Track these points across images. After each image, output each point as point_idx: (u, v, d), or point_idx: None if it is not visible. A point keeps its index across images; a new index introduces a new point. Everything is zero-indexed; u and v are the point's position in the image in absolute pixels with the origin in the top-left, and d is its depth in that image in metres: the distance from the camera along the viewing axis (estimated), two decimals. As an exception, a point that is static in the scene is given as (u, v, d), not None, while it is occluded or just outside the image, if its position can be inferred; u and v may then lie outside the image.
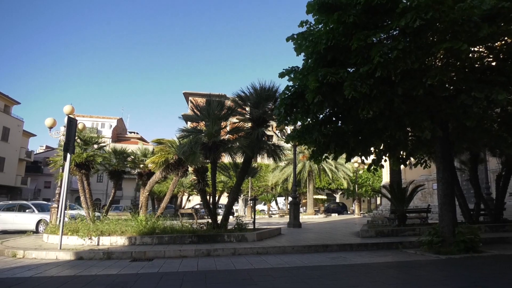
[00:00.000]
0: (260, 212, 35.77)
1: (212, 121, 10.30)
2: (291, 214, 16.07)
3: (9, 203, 19.61)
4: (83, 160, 13.02)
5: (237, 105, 11.18)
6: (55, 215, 13.25)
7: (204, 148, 10.22)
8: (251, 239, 9.38)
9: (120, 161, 16.22)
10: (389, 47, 6.18)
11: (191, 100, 44.70)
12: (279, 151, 11.71)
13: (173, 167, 12.96)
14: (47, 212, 16.51)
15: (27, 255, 8.01)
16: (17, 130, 42.66)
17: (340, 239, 9.99)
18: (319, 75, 6.44)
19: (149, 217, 11.00)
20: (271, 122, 11.75)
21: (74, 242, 9.19)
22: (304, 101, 7.15)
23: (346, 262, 6.78)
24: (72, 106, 12.62)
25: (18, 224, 17.36)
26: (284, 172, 33.02)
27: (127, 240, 9.06)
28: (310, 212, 30.44)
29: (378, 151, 9.26)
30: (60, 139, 15.10)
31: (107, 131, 58.46)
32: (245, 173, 11.75)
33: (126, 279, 5.39)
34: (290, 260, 7.09)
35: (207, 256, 7.76)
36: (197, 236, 9.25)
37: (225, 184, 30.26)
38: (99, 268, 6.45)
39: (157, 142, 14.39)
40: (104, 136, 44.04)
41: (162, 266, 6.52)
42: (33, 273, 6.08)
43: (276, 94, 10.73)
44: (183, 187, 29.47)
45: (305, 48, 7.22)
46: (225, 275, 5.66)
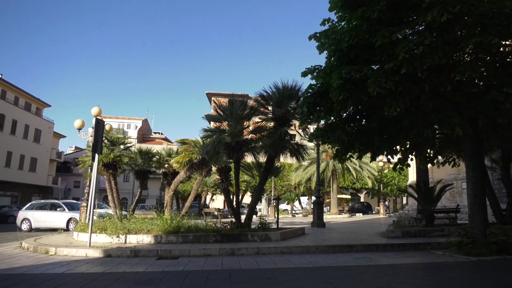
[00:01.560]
0: (283, 211, 35.67)
1: (235, 121, 10.35)
2: (315, 214, 15.96)
3: (42, 202, 20.40)
4: (110, 160, 13.37)
5: (260, 104, 11.19)
6: (85, 214, 13.66)
7: (227, 148, 10.28)
8: (275, 238, 9.37)
9: (145, 161, 16.54)
10: (414, 43, 6.03)
11: (214, 100, 45.14)
12: (302, 150, 11.64)
13: (197, 167, 13.11)
14: (77, 210, 17.07)
15: (58, 252, 8.31)
16: (48, 132, 44.31)
17: (365, 239, 9.84)
18: (343, 73, 6.35)
19: (174, 216, 11.18)
20: (293, 121, 11.70)
21: (103, 240, 9.45)
22: (327, 100, 7.08)
23: (371, 262, 6.67)
24: (99, 108, 12.99)
25: (50, 222, 18.05)
26: (307, 171, 32.78)
27: (153, 238, 9.24)
28: (334, 211, 30.11)
29: (404, 150, 9.06)
30: (88, 140, 15.57)
31: (133, 132, 59.81)
32: (268, 173, 11.74)
33: (153, 277, 5.50)
34: (314, 260, 7.04)
35: (231, 255, 7.81)
36: (221, 235, 9.33)
37: (248, 183, 30.37)
38: (127, 265, 6.61)
39: (181, 142, 14.60)
40: (130, 137, 44.99)
41: (187, 265, 6.61)
42: (65, 269, 6.30)
43: (299, 93, 10.67)
44: (207, 186, 29.78)
45: (328, 46, 7.15)
46: (249, 274, 5.69)
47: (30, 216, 18.54)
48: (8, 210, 29.04)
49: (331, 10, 7.19)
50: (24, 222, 18.47)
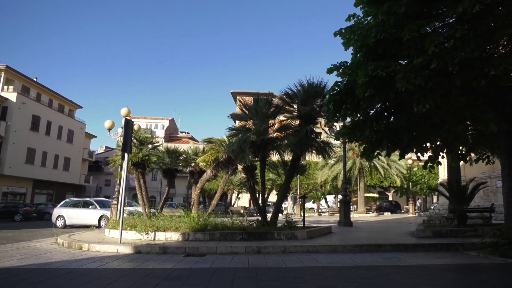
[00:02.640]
0: (309, 210, 35.43)
1: (260, 119, 10.36)
2: (342, 213, 15.76)
3: (75, 200, 21.20)
4: (139, 160, 13.72)
5: (285, 102, 11.15)
6: (115, 211, 14.09)
7: (252, 146, 10.31)
8: (301, 237, 9.33)
9: (172, 160, 16.86)
10: (445, 36, 5.83)
11: (239, 99, 45.36)
12: (328, 148, 11.51)
13: (223, 165, 13.23)
14: (108, 208, 17.62)
15: (91, 248, 8.60)
16: (80, 132, 45.96)
17: (393, 238, 9.62)
18: (369, 69, 6.23)
19: (201, 214, 11.33)
20: (319, 119, 11.58)
21: (133, 236, 9.71)
22: (353, 97, 6.96)
23: (400, 263, 6.52)
24: (128, 109, 13.33)
25: (83, 219, 18.72)
26: (333, 169, 32.40)
27: (180, 236, 9.41)
28: (361, 210, 29.62)
29: (434, 147, 8.79)
30: (118, 140, 16.03)
31: (160, 132, 61.04)
32: (294, 171, 11.69)
33: (181, 273, 5.61)
34: (341, 259, 6.96)
35: (258, 253, 7.83)
36: (248, 233, 9.38)
37: (274, 182, 30.35)
38: (156, 262, 6.76)
39: (207, 141, 14.77)
40: (157, 136, 45.94)
41: (215, 262, 6.69)
42: (97, 265, 6.52)
43: (324, 91, 10.56)
44: (232, 185, 30.00)
45: (354, 42, 7.03)
46: (276, 272, 5.69)
47: (64, 213, 19.31)
48: (44, 208, 30.36)
49: (356, 5, 7.07)
50: (59, 219, 19.26)
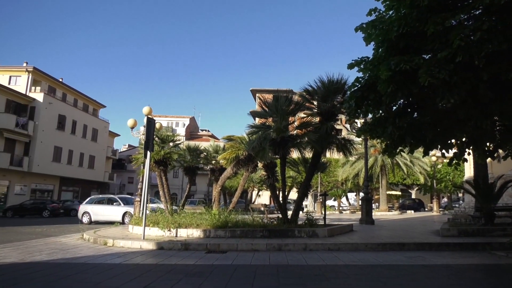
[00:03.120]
0: (330, 208, 35.14)
1: (280, 117, 10.33)
2: (363, 210, 15.55)
3: (100, 197, 21.78)
4: (161, 157, 13.93)
5: (305, 99, 11.07)
6: (138, 208, 14.37)
7: (273, 144, 10.30)
8: (322, 235, 9.27)
9: (193, 157, 17.04)
10: (471, 29, 5.63)
11: (259, 96, 45.31)
12: (349, 145, 11.37)
13: (243, 163, 13.28)
14: (131, 205, 18.01)
15: (115, 243, 8.82)
16: (104, 131, 47.12)
17: (417, 237, 9.43)
18: (392, 64, 6.09)
19: (221, 211, 11.42)
20: (340, 116, 11.44)
21: (155, 233, 9.89)
22: (375, 93, 6.83)
23: (425, 262, 6.39)
24: (150, 107, 13.55)
25: (107, 215, 19.22)
26: (354, 167, 31.98)
27: (202, 232, 9.52)
28: (383, 208, 29.14)
29: (460, 144, 8.52)
30: (140, 138, 16.33)
31: (181, 130, 61.79)
32: (315, 168, 11.61)
33: (203, 270, 5.67)
34: (363, 257, 6.87)
35: (278, 251, 7.83)
36: (268, 230, 9.39)
37: (294, 179, 30.25)
38: (178, 258, 6.87)
39: (228, 139, 14.85)
40: (178, 135, 46.59)
41: (236, 259, 6.74)
42: (122, 260, 6.68)
43: (345, 87, 10.41)
44: (253, 182, 30.07)
45: (375, 37, 6.89)
46: (297, 270, 5.68)
47: (89, 209, 19.87)
48: (70, 204, 31.34)
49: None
50: (85, 215, 19.83)
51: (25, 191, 34.81)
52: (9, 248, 8.42)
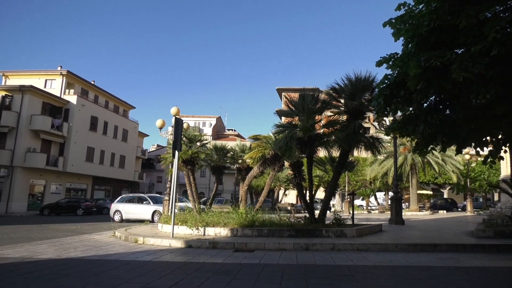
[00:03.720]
0: (358, 207, 34.56)
1: (306, 115, 10.25)
2: (393, 210, 15.19)
3: (130, 196, 22.39)
4: (188, 157, 14.15)
5: (332, 97, 10.93)
6: (167, 207, 14.67)
7: (299, 143, 10.24)
8: (350, 234, 9.13)
9: (220, 157, 17.19)
10: (507, 20, 5.40)
11: (285, 95, 45.18)
12: (378, 143, 11.14)
13: (270, 162, 13.28)
14: (160, 204, 18.39)
15: (146, 241, 9.04)
16: (134, 132, 48.40)
17: (450, 238, 9.12)
18: (422, 60, 5.91)
19: (248, 210, 11.47)
20: (368, 114, 11.23)
21: (184, 231, 10.06)
22: (405, 90, 6.65)
23: (458, 264, 6.16)
24: (177, 108, 13.79)
25: (138, 214, 19.73)
26: (383, 165, 31.26)
27: (229, 231, 9.59)
28: (414, 208, 28.34)
29: (496, 141, 8.17)
30: (168, 138, 16.66)
31: (208, 129, 62.48)
32: (342, 167, 11.45)
33: (231, 268, 5.72)
34: (393, 258, 6.72)
35: (306, 250, 7.79)
36: (295, 230, 9.35)
37: (321, 178, 29.92)
38: (206, 256, 6.96)
39: (254, 138, 14.89)
40: (205, 134, 47.10)
41: (263, 258, 6.75)
42: (152, 257, 6.84)
43: (373, 84, 10.21)
44: (279, 181, 30.00)
45: (405, 32, 6.71)
46: (325, 270, 5.63)
47: (121, 208, 20.48)
48: (102, 203, 32.43)
49: (407, -6, 6.73)
50: (116, 213, 20.46)
51: (60, 190, 36.30)
52: (46, 245, 8.81)
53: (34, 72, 38.15)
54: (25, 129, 32.19)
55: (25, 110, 32.32)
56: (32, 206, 32.75)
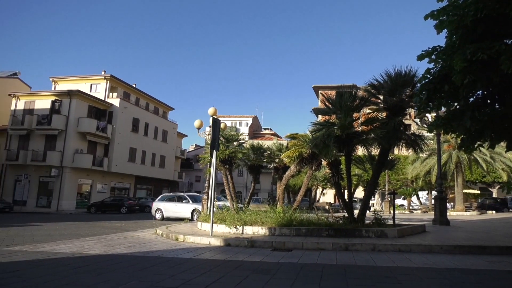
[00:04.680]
0: (400, 207, 33.45)
1: (344, 113, 10.06)
2: (437, 210, 14.56)
3: (170, 195, 23.06)
4: (226, 156, 14.35)
5: (370, 94, 10.65)
6: (206, 206, 14.95)
7: (337, 141, 10.07)
8: (392, 235, 8.86)
9: (257, 156, 17.26)
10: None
11: (321, 93, 44.53)
12: (420, 141, 10.71)
13: (307, 161, 13.16)
14: (199, 202, 18.80)
15: (186, 239, 9.27)
16: (173, 132, 49.79)
17: (501, 240, 8.60)
18: (467, 53, 5.61)
19: (286, 209, 11.44)
20: (408, 110, 10.84)
21: (222, 230, 10.22)
22: (449, 84, 6.35)
23: (510, 267, 5.80)
24: (215, 108, 13.99)
25: (178, 212, 20.28)
26: (426, 163, 30.03)
27: (267, 230, 9.62)
28: (460, 208, 26.98)
29: (551, 137, 7.62)
30: (206, 138, 16.97)
31: (244, 129, 63.01)
32: (382, 166, 11.13)
33: (269, 267, 5.74)
34: (437, 260, 6.44)
35: (345, 250, 7.65)
36: (334, 229, 9.21)
37: (360, 177, 29.27)
38: (245, 254, 7.03)
39: (291, 137, 14.81)
40: (242, 134, 47.52)
41: (301, 257, 6.71)
42: (192, 255, 7.01)
43: (414, 79, 9.83)
44: (317, 180, 29.70)
45: (448, 23, 6.40)
46: (365, 270, 5.50)
47: (161, 206, 21.14)
48: (144, 201, 33.67)
49: (451, -17, 6.43)
50: (158, 212, 21.14)
51: (106, 189, 38.06)
52: (94, 241, 9.28)
53: (81, 77, 40.22)
54: (73, 131, 34.04)
55: (72, 113, 34.18)
56: (80, 204, 34.62)
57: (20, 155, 33.90)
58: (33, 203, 33.54)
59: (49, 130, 33.83)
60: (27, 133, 34.76)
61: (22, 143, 35.03)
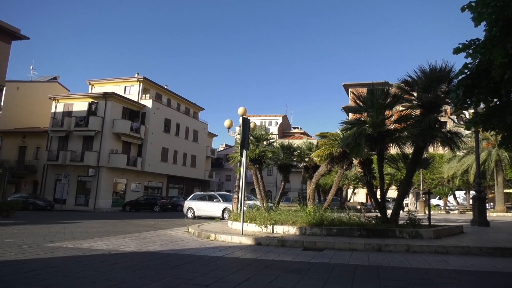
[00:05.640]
0: (435, 207, 32.30)
1: (376, 111, 9.83)
2: (475, 211, 13.94)
3: (201, 194, 23.44)
4: (256, 156, 14.39)
5: (403, 91, 10.36)
6: (236, 205, 15.08)
7: (368, 140, 9.87)
8: (427, 236, 8.57)
9: (287, 155, 17.20)
10: None
11: (352, 91, 43.80)
12: (457, 138, 10.30)
13: (338, 160, 12.98)
14: (230, 201, 18.99)
15: (217, 238, 9.39)
16: (203, 132, 50.56)
17: (547, 243, 8.12)
18: (509, 47, 5.33)
19: (316, 209, 11.34)
20: (444, 107, 10.44)
21: (253, 229, 10.27)
22: (488, 80, 6.07)
23: (558, 272, 5.47)
24: (244, 108, 14.09)
25: (209, 211, 20.58)
26: (463, 162, 28.82)
27: (297, 230, 9.57)
28: (500, 208, 25.69)
29: None
30: (236, 138, 17.11)
31: (274, 128, 62.98)
32: (416, 165, 10.80)
33: (300, 267, 5.71)
34: (477, 262, 6.17)
35: (378, 251, 7.49)
36: (366, 229, 9.03)
37: (392, 176, 28.50)
38: (275, 254, 7.03)
39: (321, 136, 14.65)
40: (272, 133, 47.53)
41: (333, 257, 6.63)
42: (223, 253, 7.09)
43: (450, 75, 9.46)
44: (348, 180, 29.21)
45: (487, 15, 6.10)
46: (399, 272, 5.36)
47: (193, 205, 21.53)
48: (176, 200, 34.40)
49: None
50: (189, 210, 21.55)
51: (139, 188, 39.22)
52: (129, 238, 9.59)
53: (115, 80, 41.63)
54: (109, 132, 35.31)
55: (108, 115, 35.46)
56: (115, 202, 35.88)
57: (60, 156, 35.55)
58: (72, 201, 35.12)
59: (86, 131, 35.28)
60: (66, 135, 36.42)
61: (61, 144, 36.73)
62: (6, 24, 23.92)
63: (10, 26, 24.16)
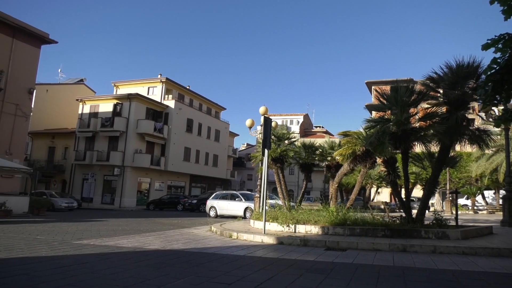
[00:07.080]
0: (462, 207, 31.31)
1: (400, 108, 9.64)
2: (505, 211, 13.45)
3: (223, 193, 23.61)
4: (277, 155, 14.39)
5: (429, 88, 10.10)
6: (258, 204, 15.11)
7: (392, 138, 9.68)
8: (454, 237, 8.34)
9: (309, 154, 17.11)
10: None
11: (375, 89, 43.07)
12: (485, 136, 9.95)
13: (361, 159, 12.80)
14: (252, 201, 19.04)
15: (239, 236, 9.44)
16: (225, 132, 50.90)
17: None
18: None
19: (339, 208, 11.23)
20: (472, 104, 10.11)
21: (275, 228, 10.27)
22: (519, 75, 5.83)
23: None
24: (266, 107, 14.09)
25: (231, 210, 20.72)
26: (492, 160, 27.80)
27: (320, 229, 9.51)
28: (533, 209, 24.63)
29: None
30: (257, 137, 17.14)
31: (295, 127, 62.73)
32: (442, 163, 10.51)
33: (323, 266, 5.67)
34: (507, 265, 5.95)
35: (403, 252, 7.34)
36: (390, 229, 8.87)
37: (418, 175, 27.85)
38: (298, 253, 7.00)
39: (343, 135, 14.50)
40: (293, 132, 47.34)
41: (356, 258, 6.55)
42: (245, 252, 7.13)
43: (478, 70, 9.15)
44: (371, 179, 28.74)
45: (518, 8, 5.87)
46: (425, 273, 5.24)
47: (215, 204, 21.72)
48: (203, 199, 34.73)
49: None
50: (212, 209, 21.75)
51: (163, 187, 39.90)
52: (153, 237, 9.78)
53: (139, 81, 42.50)
54: (133, 132, 36.07)
55: (132, 115, 36.23)
56: (140, 201, 36.64)
57: (87, 156, 36.61)
58: (98, 200, 36.10)
59: (111, 132, 36.17)
60: (93, 135, 37.45)
61: (88, 144, 37.81)
62: (36, 29, 24.74)
63: (40, 31, 24.94)
